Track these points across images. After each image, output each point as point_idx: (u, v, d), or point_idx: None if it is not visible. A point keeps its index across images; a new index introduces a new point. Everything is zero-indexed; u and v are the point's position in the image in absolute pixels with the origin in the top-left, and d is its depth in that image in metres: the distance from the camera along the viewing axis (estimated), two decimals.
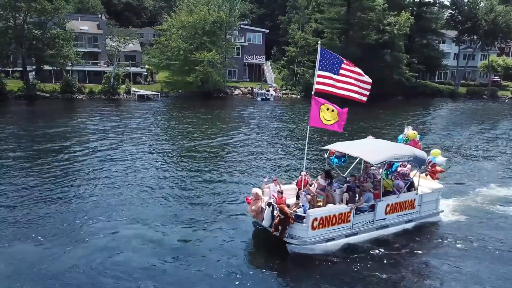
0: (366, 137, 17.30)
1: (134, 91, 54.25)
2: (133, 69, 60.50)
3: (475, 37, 72.22)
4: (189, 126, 35.24)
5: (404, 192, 15.02)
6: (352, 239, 13.76)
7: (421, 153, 15.43)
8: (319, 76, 13.56)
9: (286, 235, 12.93)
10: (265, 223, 13.34)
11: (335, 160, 15.77)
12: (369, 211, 14.12)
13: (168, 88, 59.20)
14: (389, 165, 15.63)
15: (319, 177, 15.04)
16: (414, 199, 15.25)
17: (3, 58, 48.53)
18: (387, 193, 14.89)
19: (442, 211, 16.37)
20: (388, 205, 14.51)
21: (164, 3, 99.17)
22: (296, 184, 14.77)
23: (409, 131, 16.70)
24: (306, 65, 65.42)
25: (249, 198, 13.94)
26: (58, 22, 49.50)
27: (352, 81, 13.84)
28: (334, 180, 15.31)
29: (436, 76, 78.09)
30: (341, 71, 13.66)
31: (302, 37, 65.77)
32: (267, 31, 73.75)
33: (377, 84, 57.39)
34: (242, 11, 65.22)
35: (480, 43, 72.33)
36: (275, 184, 14.14)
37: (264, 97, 57.54)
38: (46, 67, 51.68)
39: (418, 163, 15.27)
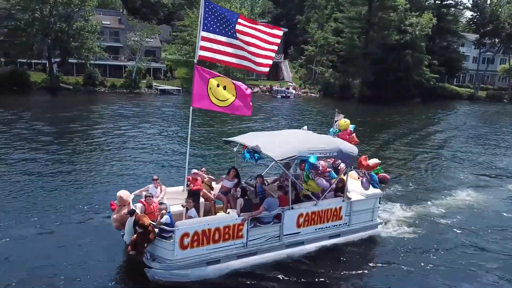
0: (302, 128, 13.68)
1: (156, 85, 54.56)
2: (154, 64, 60.86)
3: (496, 40, 71.66)
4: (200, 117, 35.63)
5: (330, 192, 11.63)
6: (248, 261, 10.26)
7: (348, 147, 11.68)
8: (203, 39, 10.58)
9: (146, 255, 9.55)
10: (126, 237, 9.87)
11: (247, 155, 12.25)
12: (274, 223, 10.67)
13: (188, 84, 59.33)
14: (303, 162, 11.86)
15: (224, 176, 11.73)
16: (341, 207, 11.71)
17: (28, 50, 49.06)
18: (306, 199, 11.57)
19: (381, 223, 12.96)
20: (301, 215, 11.01)
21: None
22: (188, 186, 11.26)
23: (340, 120, 13.36)
24: (325, 65, 65.41)
25: (114, 203, 10.24)
26: (84, 15, 49.95)
27: (252, 48, 10.95)
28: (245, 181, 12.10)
29: (455, 79, 77.58)
30: (239, 36, 10.75)
31: (322, 36, 65.71)
32: (286, 30, 73.57)
33: (396, 85, 57.65)
34: (263, 8, 65.33)
35: (502, 46, 71.71)
36: (154, 185, 10.89)
37: (284, 95, 57.47)
38: (70, 60, 52.15)
39: (344, 159, 11.54)
